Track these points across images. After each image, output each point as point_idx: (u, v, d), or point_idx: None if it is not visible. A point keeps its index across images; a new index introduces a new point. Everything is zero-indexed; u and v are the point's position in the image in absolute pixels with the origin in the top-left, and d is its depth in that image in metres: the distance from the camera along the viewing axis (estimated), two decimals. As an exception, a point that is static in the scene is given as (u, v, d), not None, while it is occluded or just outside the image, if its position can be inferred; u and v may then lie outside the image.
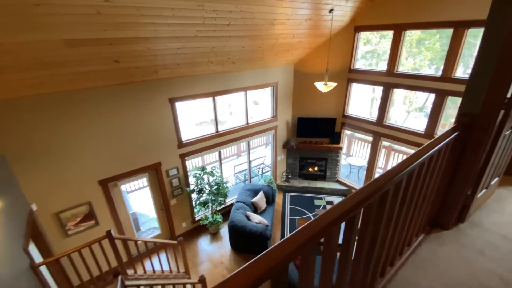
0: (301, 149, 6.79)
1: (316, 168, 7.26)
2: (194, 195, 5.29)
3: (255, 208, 5.71)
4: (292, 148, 6.69)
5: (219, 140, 5.37)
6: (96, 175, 3.99)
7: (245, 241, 4.92)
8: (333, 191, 6.95)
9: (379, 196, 1.02)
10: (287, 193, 6.96)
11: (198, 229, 5.73)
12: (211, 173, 5.09)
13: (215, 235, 5.61)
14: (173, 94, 4.38)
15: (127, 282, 3.50)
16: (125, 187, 5.53)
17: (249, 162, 6.51)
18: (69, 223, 3.94)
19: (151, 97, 4.17)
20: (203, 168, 5.08)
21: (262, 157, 7.94)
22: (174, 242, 4.03)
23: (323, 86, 4.94)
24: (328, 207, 6.49)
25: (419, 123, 6.15)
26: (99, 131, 3.84)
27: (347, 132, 6.81)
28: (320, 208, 6.40)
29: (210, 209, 5.42)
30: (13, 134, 3.18)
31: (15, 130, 3.18)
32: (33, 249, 3.34)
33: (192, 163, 5.80)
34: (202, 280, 3.34)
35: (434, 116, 4.94)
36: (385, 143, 6.04)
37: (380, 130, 5.80)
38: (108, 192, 4.17)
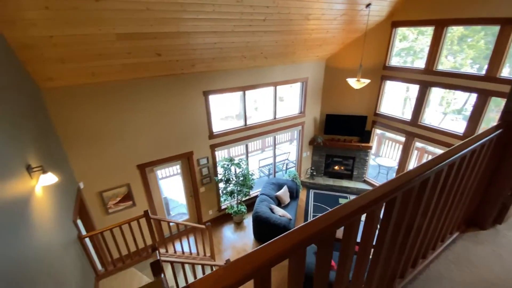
0: (328, 147, 6.73)
1: (342, 167, 7.16)
2: (221, 185, 5.51)
3: (278, 202, 5.80)
4: (318, 145, 6.66)
5: (246, 133, 5.52)
6: (136, 159, 4.32)
7: (268, 232, 5.05)
8: (359, 191, 6.82)
9: (420, 182, 1.06)
10: (311, 190, 6.96)
11: (223, 218, 5.96)
12: (238, 165, 5.26)
13: (239, 225, 5.81)
14: (207, 87, 4.59)
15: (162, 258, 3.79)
16: (160, 172, 5.89)
17: (275, 156, 6.59)
18: (110, 202, 4.33)
19: (188, 89, 4.41)
20: (231, 159, 5.26)
21: (287, 153, 7.99)
22: (203, 226, 4.27)
23: (356, 83, 4.86)
24: (353, 206, 6.38)
25: (456, 126, 5.82)
26: (142, 120, 4.15)
27: (377, 132, 6.62)
28: (345, 206, 6.31)
29: (236, 199, 5.61)
30: (69, 118, 3.56)
31: (71, 114, 3.56)
32: (79, 223, 3.74)
33: (221, 154, 6.02)
34: (228, 263, 3.52)
35: (475, 118, 4.66)
36: (418, 144, 5.80)
37: (414, 130, 5.58)
38: (145, 176, 4.50)
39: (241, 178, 5.29)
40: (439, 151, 5.78)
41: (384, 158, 7.56)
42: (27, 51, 2.68)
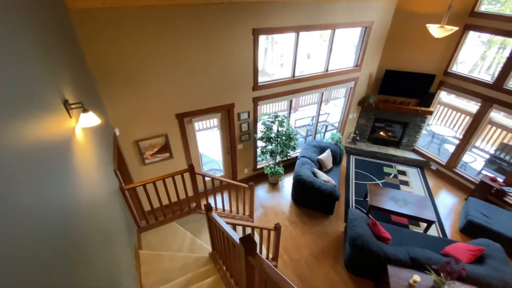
0: (379, 109, 5.92)
1: (390, 133, 6.42)
2: (260, 143, 5.04)
3: (320, 166, 5.33)
4: (369, 106, 5.86)
5: (293, 86, 4.80)
6: (175, 107, 3.84)
7: (311, 197, 4.68)
8: (407, 160, 6.17)
9: None
10: (351, 156, 6.38)
11: (258, 177, 5.63)
12: (281, 122, 4.67)
13: (274, 186, 5.48)
14: (257, 24, 3.79)
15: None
16: (197, 125, 5.47)
17: (318, 115, 5.91)
18: (146, 152, 4.00)
19: (235, 24, 3.64)
20: (276, 116, 4.67)
21: (326, 113, 7.25)
22: (245, 185, 3.92)
23: (438, 30, 3.85)
24: (400, 176, 5.86)
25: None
26: (183, 63, 3.53)
27: (441, 97, 5.65)
28: (391, 176, 5.78)
29: (274, 159, 5.18)
30: (102, 52, 3.00)
31: (104, 47, 2.99)
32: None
33: (262, 110, 5.42)
34: (278, 228, 3.20)
35: None
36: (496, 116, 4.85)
37: (495, 95, 4.62)
38: (183, 127, 4.07)
39: (284, 138, 4.75)
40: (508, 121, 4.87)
41: (439, 126, 6.67)
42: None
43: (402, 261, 3.38)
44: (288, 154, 5.01)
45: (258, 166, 5.52)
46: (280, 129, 4.84)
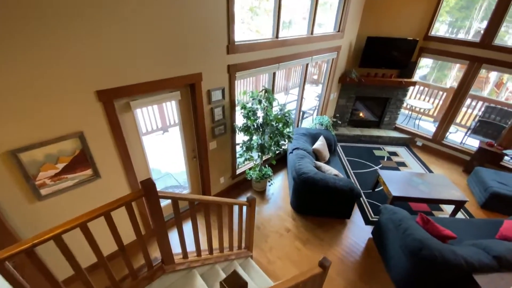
0: (361, 86, 5.14)
1: (371, 113, 5.77)
2: (241, 137, 3.51)
3: (316, 158, 4.13)
4: (352, 81, 5.01)
5: (278, 52, 3.47)
6: (95, 80, 1.99)
7: (323, 200, 3.40)
8: (392, 140, 5.59)
9: None
10: (337, 143, 5.44)
11: (239, 186, 4.06)
12: (270, 100, 3.26)
13: (262, 195, 4.00)
14: None
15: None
16: (142, 121, 3.52)
17: (301, 99, 4.73)
18: (41, 173, 2.00)
19: None
20: (266, 90, 3.23)
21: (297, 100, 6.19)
22: (244, 202, 2.36)
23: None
24: (394, 158, 5.17)
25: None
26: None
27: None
28: (385, 159, 5.03)
29: (261, 158, 3.71)
30: None
31: None
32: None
33: (239, 88, 3.88)
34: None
35: None
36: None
37: (482, 54, 4.30)
38: (114, 117, 2.22)
39: (279, 125, 3.35)
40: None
41: (415, 100, 6.39)
42: None
43: (487, 264, 2.38)
44: (283, 147, 3.61)
45: (238, 171, 3.95)
46: (273, 111, 3.38)
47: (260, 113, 3.37)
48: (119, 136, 2.31)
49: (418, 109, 6.23)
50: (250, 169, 3.90)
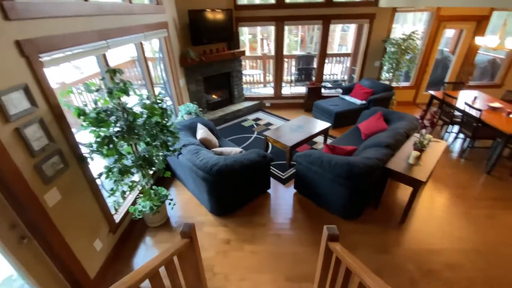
0: (203, 64, 4.80)
1: (221, 92, 5.66)
2: (97, 160, 2.14)
3: (207, 148, 3.45)
4: (194, 62, 4.53)
5: (98, 22, 2.30)
6: None
7: (244, 184, 2.87)
8: (249, 109, 5.86)
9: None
10: (207, 131, 4.95)
11: (130, 238, 2.65)
12: (123, 89, 2.14)
13: (166, 226, 2.84)
14: None
15: None
16: None
17: (153, 90, 3.64)
18: None
19: None
20: (111, 71, 2.02)
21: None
22: (178, 243, 1.40)
23: None
24: (260, 122, 5.38)
25: None
26: None
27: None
28: (255, 126, 5.18)
29: (148, 178, 2.51)
30: None
31: None
32: None
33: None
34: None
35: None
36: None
37: (281, 13, 5.13)
38: None
39: (154, 119, 2.27)
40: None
41: (249, 70, 6.93)
42: None
43: (386, 154, 2.87)
44: (173, 147, 2.55)
45: (119, 216, 2.52)
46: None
47: (116, 110, 2.15)
48: None
49: (252, 79, 6.90)
50: (134, 203, 2.61)
